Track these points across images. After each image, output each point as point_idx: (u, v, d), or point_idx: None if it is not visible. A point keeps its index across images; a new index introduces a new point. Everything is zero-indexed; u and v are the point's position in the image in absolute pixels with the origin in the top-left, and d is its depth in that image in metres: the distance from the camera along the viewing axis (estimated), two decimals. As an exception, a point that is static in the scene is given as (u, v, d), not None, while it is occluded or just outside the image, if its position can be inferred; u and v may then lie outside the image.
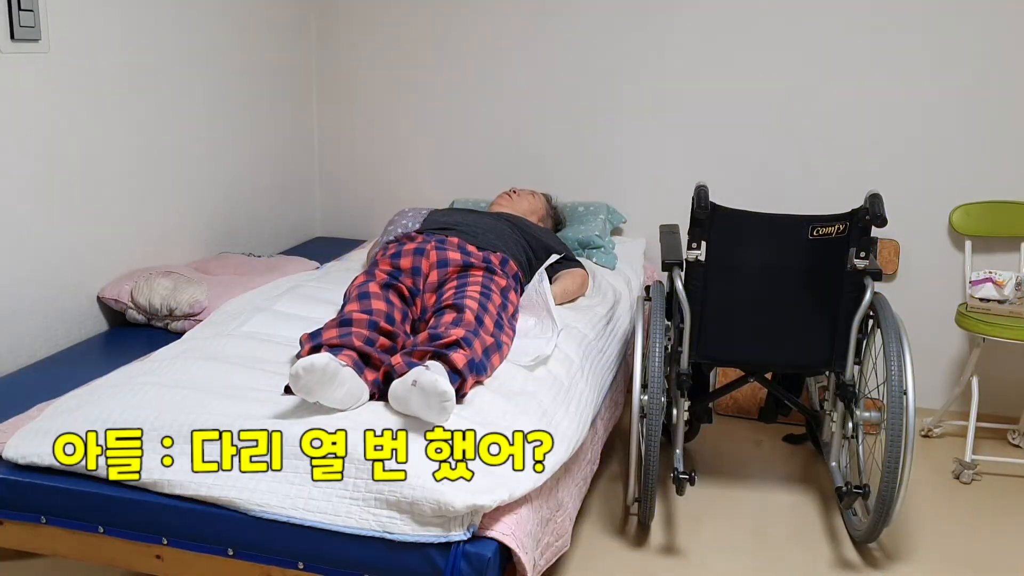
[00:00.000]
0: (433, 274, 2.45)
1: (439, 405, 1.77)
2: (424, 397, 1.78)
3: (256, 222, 3.53)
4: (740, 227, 2.34)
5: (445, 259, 2.47)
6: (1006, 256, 3.25)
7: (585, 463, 2.26)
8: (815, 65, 3.29)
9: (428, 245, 2.51)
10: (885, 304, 2.40)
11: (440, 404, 1.77)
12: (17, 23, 2.33)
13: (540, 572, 1.88)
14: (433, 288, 2.43)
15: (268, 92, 3.52)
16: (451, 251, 2.50)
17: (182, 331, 2.64)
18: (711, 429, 3.24)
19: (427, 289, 2.44)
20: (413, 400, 1.80)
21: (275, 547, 1.70)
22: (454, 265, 2.46)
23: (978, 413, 2.91)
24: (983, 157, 3.22)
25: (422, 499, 1.63)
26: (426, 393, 1.77)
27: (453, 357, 1.96)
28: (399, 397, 1.84)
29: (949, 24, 3.15)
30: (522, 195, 3.22)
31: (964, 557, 2.47)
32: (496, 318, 2.26)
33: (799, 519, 2.64)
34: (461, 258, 2.48)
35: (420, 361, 1.96)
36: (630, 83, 3.48)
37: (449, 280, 2.43)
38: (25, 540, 1.86)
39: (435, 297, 2.40)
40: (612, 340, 2.72)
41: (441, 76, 3.67)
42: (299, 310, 2.55)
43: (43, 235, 2.51)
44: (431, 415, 1.79)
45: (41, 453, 1.82)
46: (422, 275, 2.45)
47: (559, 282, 2.77)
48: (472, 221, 2.78)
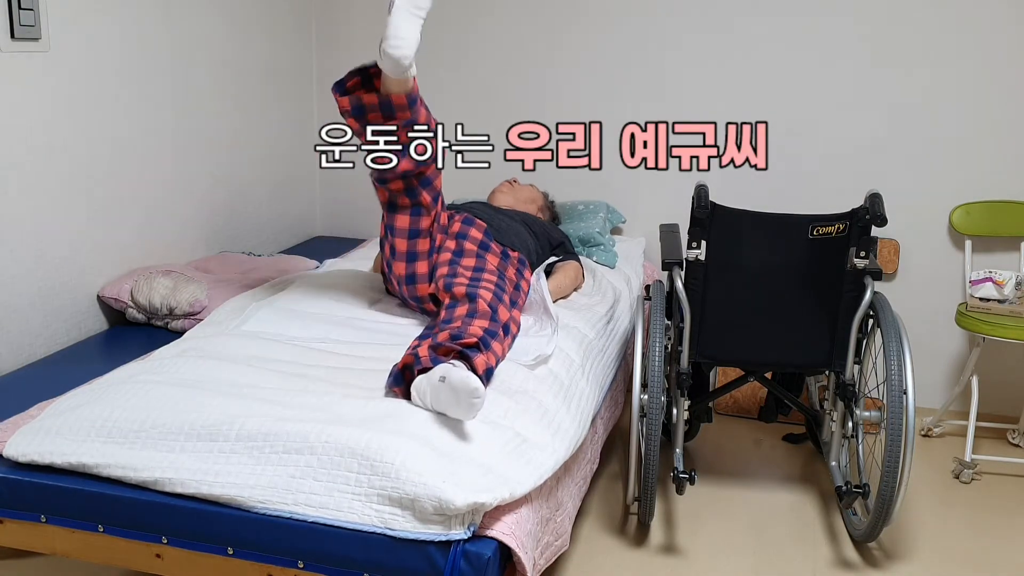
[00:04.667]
0: (451, 242, 2.47)
1: (468, 401, 1.78)
2: (453, 393, 1.79)
3: (256, 221, 3.53)
4: (740, 226, 2.34)
5: (467, 233, 2.50)
6: (1006, 256, 3.25)
7: (585, 462, 2.26)
8: (815, 64, 3.30)
9: (456, 218, 2.56)
10: (885, 304, 2.40)
11: (469, 401, 1.78)
12: (17, 22, 2.33)
13: (540, 571, 1.88)
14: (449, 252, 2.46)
15: (268, 91, 3.52)
16: (474, 230, 2.54)
17: (182, 330, 2.64)
18: (711, 428, 3.24)
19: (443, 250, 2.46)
20: (441, 396, 1.81)
21: (275, 546, 1.70)
22: (473, 241, 2.49)
23: (978, 413, 2.91)
24: (983, 157, 3.22)
25: (424, 496, 1.63)
26: (456, 390, 1.78)
27: (476, 361, 1.98)
28: (423, 392, 1.85)
29: (949, 24, 3.15)
30: (522, 185, 3.24)
31: (964, 556, 2.47)
32: (507, 312, 2.27)
33: (799, 519, 2.64)
34: (482, 238, 2.52)
35: (445, 358, 1.96)
36: (630, 82, 3.48)
37: (467, 255, 2.44)
38: (25, 539, 1.86)
39: (447, 269, 2.40)
40: (612, 339, 2.72)
41: (441, 76, 3.67)
42: (299, 308, 2.55)
43: (43, 234, 2.51)
44: (459, 411, 1.80)
45: (41, 452, 1.83)
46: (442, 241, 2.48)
47: (553, 278, 2.77)
48: (491, 216, 2.78)
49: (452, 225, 2.53)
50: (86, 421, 1.87)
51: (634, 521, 2.60)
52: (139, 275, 2.73)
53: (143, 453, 1.80)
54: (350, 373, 2.12)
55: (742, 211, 2.32)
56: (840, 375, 2.46)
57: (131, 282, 2.71)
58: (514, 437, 1.88)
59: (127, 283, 2.71)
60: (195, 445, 1.79)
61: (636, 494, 2.51)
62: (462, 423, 1.85)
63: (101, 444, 1.82)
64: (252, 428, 1.78)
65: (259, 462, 1.74)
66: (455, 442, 1.80)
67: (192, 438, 1.80)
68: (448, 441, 1.80)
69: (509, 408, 1.97)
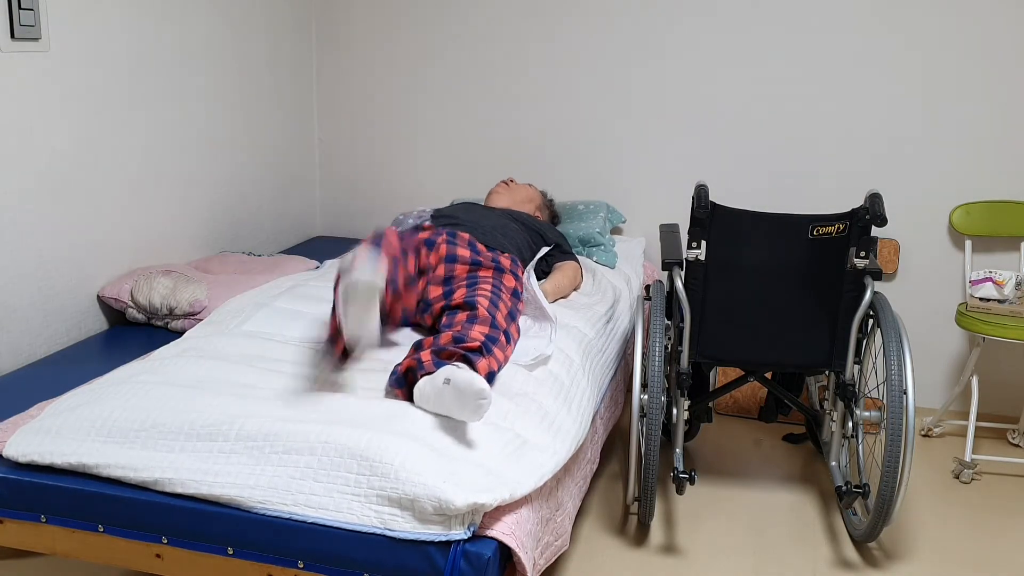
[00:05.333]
0: (440, 268, 2.45)
1: (474, 403, 1.76)
2: (458, 395, 1.78)
3: (256, 221, 3.53)
4: (740, 226, 2.34)
5: (454, 255, 2.47)
6: (1006, 256, 3.25)
7: (585, 462, 2.26)
8: (815, 64, 3.30)
9: (439, 238, 2.51)
10: (885, 303, 2.40)
11: (476, 402, 1.76)
12: (17, 22, 2.33)
13: (540, 571, 1.88)
14: (439, 282, 2.43)
15: (268, 91, 3.52)
16: (461, 247, 2.50)
17: (182, 330, 2.64)
18: (711, 428, 3.24)
19: (433, 281, 2.43)
20: (445, 398, 1.80)
21: (275, 546, 1.70)
22: (463, 262, 2.46)
23: (978, 413, 2.91)
24: (983, 157, 3.22)
25: (424, 496, 1.63)
26: (461, 391, 1.77)
27: (479, 365, 1.97)
28: (427, 395, 1.84)
29: (949, 24, 3.15)
30: (519, 185, 3.23)
31: (964, 557, 2.48)
32: (506, 320, 2.26)
33: (799, 519, 2.64)
34: (470, 255, 2.48)
35: (448, 361, 1.96)
36: (630, 83, 3.48)
37: (458, 279, 2.42)
38: (25, 539, 1.86)
39: (440, 291, 2.39)
40: (612, 339, 2.72)
41: (441, 75, 3.68)
42: (299, 308, 2.55)
43: (43, 234, 2.51)
44: (465, 414, 1.78)
45: (41, 452, 1.83)
46: (430, 267, 2.45)
47: (551, 278, 2.77)
48: (478, 218, 2.77)
49: (439, 248, 2.49)
50: (86, 421, 1.87)
51: (634, 521, 2.60)
52: (139, 275, 2.73)
53: (143, 453, 1.80)
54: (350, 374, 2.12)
55: (742, 211, 2.33)
56: (840, 375, 2.46)
57: (131, 282, 2.71)
58: (514, 439, 1.88)
59: (127, 283, 2.71)
60: (195, 445, 1.79)
61: (636, 494, 2.51)
62: (462, 425, 1.85)
63: (101, 444, 1.83)
64: (252, 428, 1.78)
65: (259, 462, 1.74)
66: (455, 443, 1.80)
67: (192, 438, 1.80)
68: (448, 442, 1.79)
69: (509, 410, 1.97)
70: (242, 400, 1.91)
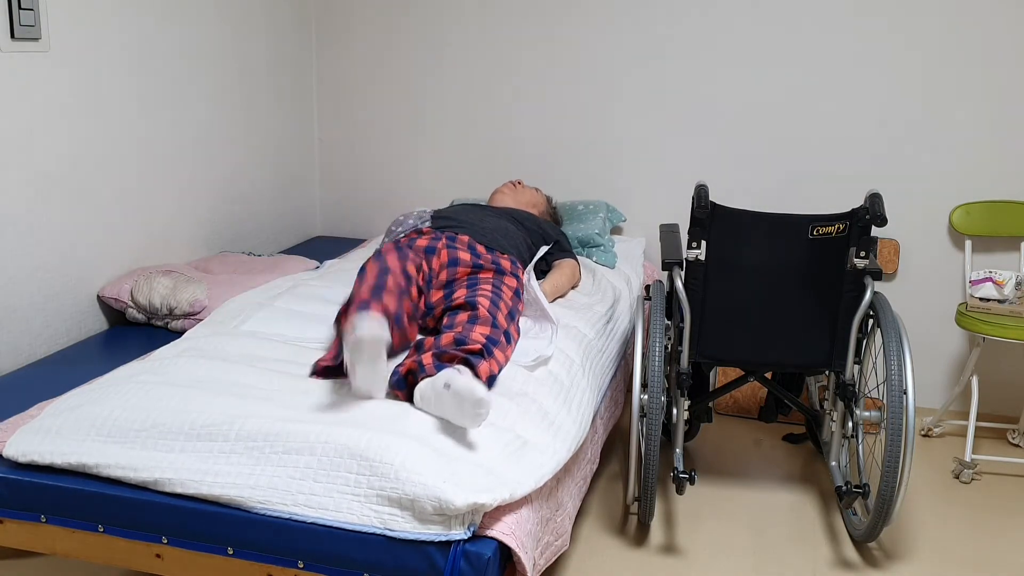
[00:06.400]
0: (443, 273, 2.45)
1: (473, 412, 1.77)
2: (458, 402, 1.78)
3: (256, 221, 3.53)
4: (740, 226, 2.34)
5: (456, 258, 2.47)
6: (1006, 256, 3.25)
7: (585, 462, 2.26)
8: (815, 65, 3.30)
9: (439, 243, 2.51)
10: (885, 304, 2.40)
11: (474, 411, 1.77)
12: (17, 22, 2.33)
13: (540, 571, 1.88)
14: (441, 286, 2.43)
15: (268, 91, 3.52)
16: (461, 250, 2.50)
17: (182, 330, 2.64)
18: (711, 428, 3.24)
19: (435, 286, 2.43)
20: (445, 403, 1.80)
21: (275, 546, 1.70)
22: (464, 265, 2.46)
23: (978, 413, 2.91)
24: (983, 157, 3.22)
25: (423, 496, 1.63)
26: (461, 398, 1.77)
27: (479, 368, 1.97)
28: (427, 398, 1.85)
29: (949, 24, 3.15)
30: (527, 188, 3.23)
31: (964, 557, 2.48)
32: (506, 320, 2.27)
33: (799, 519, 2.64)
34: (471, 259, 2.48)
35: (449, 364, 1.96)
36: (630, 82, 3.48)
37: (459, 281, 2.42)
38: (25, 539, 1.86)
39: (442, 294, 2.39)
40: (612, 339, 2.72)
41: (441, 75, 3.68)
42: (299, 308, 2.55)
43: (43, 234, 2.51)
44: (463, 420, 1.79)
45: (41, 452, 1.83)
46: (433, 273, 2.45)
47: (549, 278, 2.77)
48: (478, 220, 2.77)
49: (440, 254, 2.49)
50: (86, 421, 1.87)
51: (634, 521, 2.60)
52: (139, 275, 2.73)
53: (143, 453, 1.80)
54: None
55: (742, 211, 2.33)
56: (840, 375, 2.46)
57: (131, 282, 2.71)
58: (514, 439, 1.88)
59: (127, 283, 2.71)
60: (195, 445, 1.79)
61: (636, 494, 2.51)
62: (462, 425, 1.85)
63: (101, 444, 1.83)
64: (252, 428, 1.78)
65: (259, 462, 1.74)
66: (455, 443, 1.80)
67: (192, 438, 1.80)
68: (448, 442, 1.80)
69: (510, 411, 1.97)
70: (242, 400, 1.91)
